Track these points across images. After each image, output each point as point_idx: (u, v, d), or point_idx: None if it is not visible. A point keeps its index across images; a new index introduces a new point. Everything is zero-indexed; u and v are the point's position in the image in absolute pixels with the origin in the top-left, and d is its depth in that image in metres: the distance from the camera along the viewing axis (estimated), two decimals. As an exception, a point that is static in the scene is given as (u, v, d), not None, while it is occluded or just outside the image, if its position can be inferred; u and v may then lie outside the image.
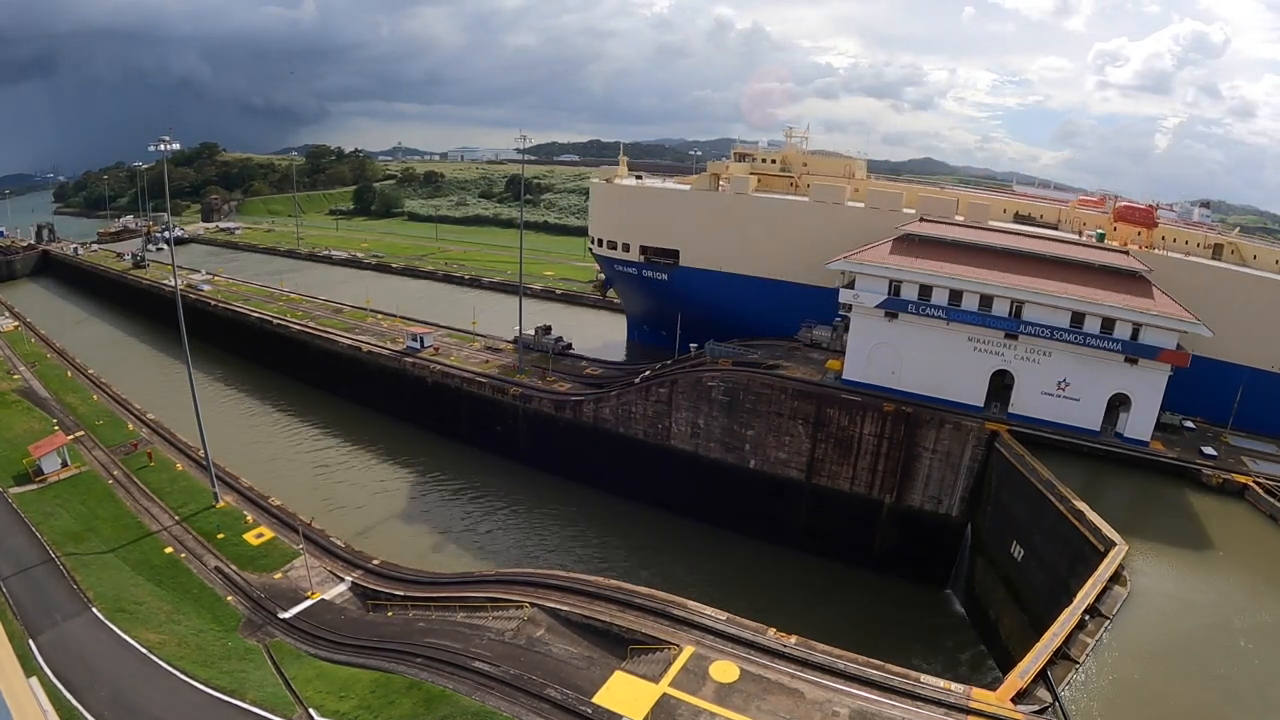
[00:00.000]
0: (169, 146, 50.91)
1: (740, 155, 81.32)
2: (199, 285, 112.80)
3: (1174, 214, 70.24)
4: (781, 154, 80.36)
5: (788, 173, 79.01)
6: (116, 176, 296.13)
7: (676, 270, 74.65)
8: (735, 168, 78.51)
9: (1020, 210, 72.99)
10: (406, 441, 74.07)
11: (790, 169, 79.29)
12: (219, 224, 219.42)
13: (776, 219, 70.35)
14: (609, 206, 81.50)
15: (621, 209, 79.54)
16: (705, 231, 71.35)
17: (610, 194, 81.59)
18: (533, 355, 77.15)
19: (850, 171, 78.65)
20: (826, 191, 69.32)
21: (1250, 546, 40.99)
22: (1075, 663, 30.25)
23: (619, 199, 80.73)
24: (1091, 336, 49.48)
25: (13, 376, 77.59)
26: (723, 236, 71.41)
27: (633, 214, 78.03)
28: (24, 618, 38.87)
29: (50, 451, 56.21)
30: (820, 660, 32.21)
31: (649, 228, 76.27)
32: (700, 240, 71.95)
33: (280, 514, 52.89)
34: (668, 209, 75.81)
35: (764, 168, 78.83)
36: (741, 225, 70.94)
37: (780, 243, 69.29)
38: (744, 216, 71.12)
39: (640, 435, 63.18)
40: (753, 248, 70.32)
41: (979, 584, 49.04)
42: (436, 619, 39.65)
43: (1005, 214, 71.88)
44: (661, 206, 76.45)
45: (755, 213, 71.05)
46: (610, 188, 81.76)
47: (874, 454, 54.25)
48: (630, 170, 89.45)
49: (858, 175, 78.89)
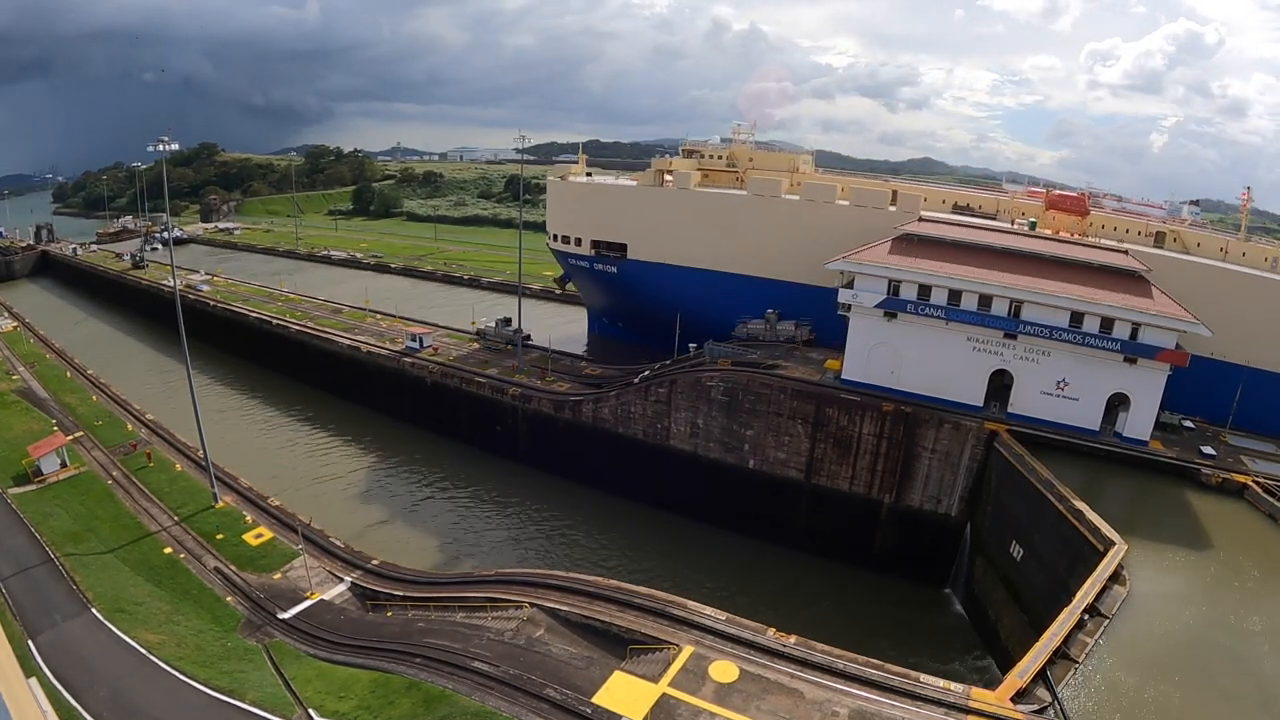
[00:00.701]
0: (168, 147, 50.89)
1: (689, 152, 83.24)
2: (198, 285, 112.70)
3: (1163, 211, 71.39)
4: (728, 150, 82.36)
5: (734, 168, 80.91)
6: (115, 177, 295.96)
7: (625, 263, 76.91)
8: (679, 163, 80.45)
9: (959, 201, 74.81)
10: (406, 441, 74.06)
11: (737, 164, 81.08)
12: (218, 224, 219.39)
13: (717, 212, 72.50)
14: (563, 203, 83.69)
15: (574, 205, 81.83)
16: (651, 225, 73.04)
17: (564, 191, 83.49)
18: (532, 355, 77.16)
19: (794, 165, 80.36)
20: (763, 185, 71.23)
21: (1249, 546, 40.99)
22: (1075, 662, 30.28)
23: (572, 196, 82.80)
24: (1091, 336, 49.50)
25: (12, 377, 77.57)
26: (667, 230, 73.61)
27: (584, 210, 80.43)
28: (23, 618, 38.85)
29: (49, 452, 56.17)
30: (820, 660, 32.20)
31: (599, 223, 78.50)
32: (646, 234, 73.76)
33: (279, 514, 52.86)
34: (616, 204, 78.26)
35: (711, 163, 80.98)
36: (684, 219, 72.85)
37: (721, 235, 71.56)
38: (687, 210, 73.09)
39: (639, 435, 63.18)
40: (695, 241, 72.37)
41: (978, 584, 49.05)
42: (436, 619, 39.64)
43: (944, 204, 73.60)
44: (610, 202, 79.03)
45: (697, 206, 73.13)
46: (564, 185, 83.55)
47: (873, 454, 54.27)
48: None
49: (802, 168, 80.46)
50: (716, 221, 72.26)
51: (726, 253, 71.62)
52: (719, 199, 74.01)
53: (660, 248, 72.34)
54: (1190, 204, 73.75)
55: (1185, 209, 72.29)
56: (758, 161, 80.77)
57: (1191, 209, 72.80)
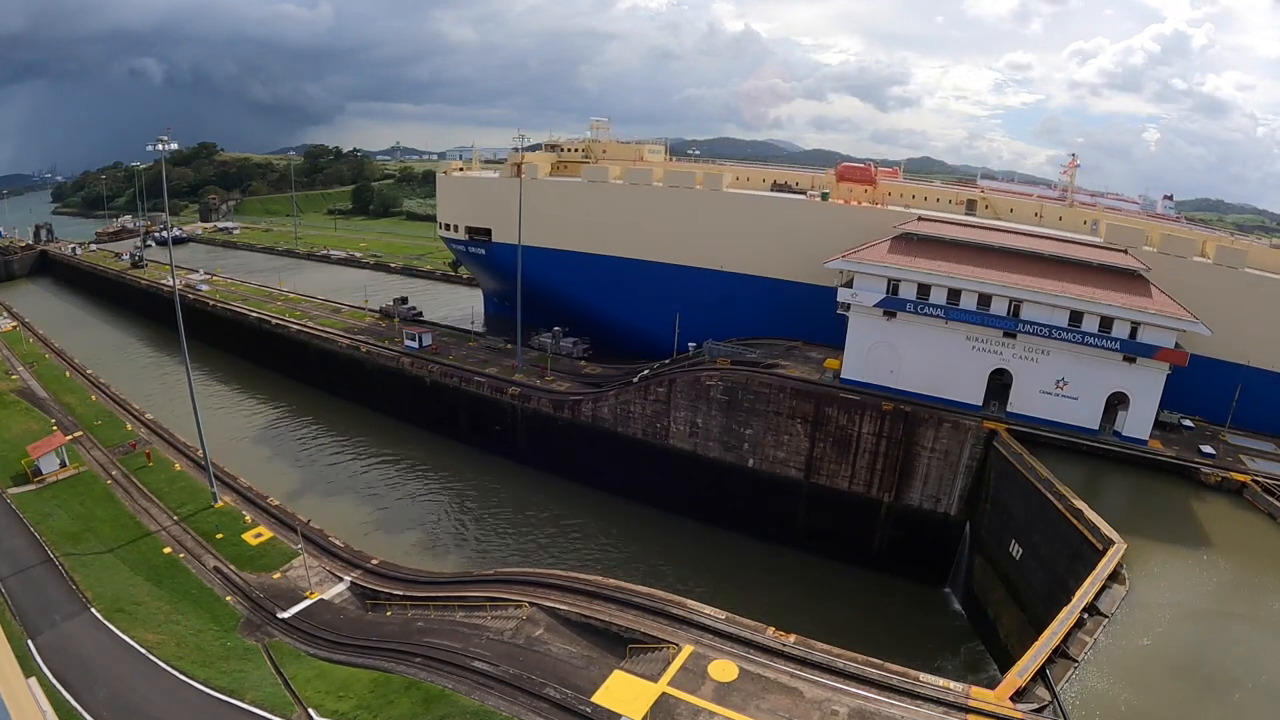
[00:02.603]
0: (167, 146, 50.86)
1: (551, 146, 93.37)
2: (197, 285, 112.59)
3: (1137, 206, 74.74)
4: (585, 143, 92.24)
5: (588, 159, 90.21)
6: (115, 176, 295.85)
7: (492, 246, 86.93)
8: (536, 156, 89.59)
9: (778, 180, 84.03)
10: (406, 441, 74.05)
11: (591, 155, 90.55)
12: (217, 224, 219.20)
13: (559, 198, 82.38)
14: (446, 195, 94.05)
15: (454, 196, 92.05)
16: (509, 212, 79.39)
17: (446, 184, 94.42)
18: (531, 354, 77.22)
19: (639, 155, 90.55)
20: (594, 172, 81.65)
21: (1248, 544, 41.05)
22: (1074, 661, 30.30)
23: (452, 188, 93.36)
24: (1090, 335, 49.54)
25: (11, 377, 77.49)
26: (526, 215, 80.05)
27: (460, 200, 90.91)
28: (23, 618, 38.80)
29: (49, 452, 56.09)
30: (819, 659, 32.22)
31: (472, 211, 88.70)
32: (506, 220, 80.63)
33: (279, 514, 52.81)
34: (482, 194, 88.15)
35: (569, 156, 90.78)
36: (535, 205, 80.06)
37: (565, 218, 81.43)
38: (538, 197, 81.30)
39: (639, 434, 63.19)
40: (544, 224, 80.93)
41: (978, 583, 49.08)
42: (435, 618, 39.63)
43: (765, 183, 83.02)
44: (478, 192, 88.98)
45: (545, 194, 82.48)
46: (447, 178, 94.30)
47: (872, 453, 54.28)
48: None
49: (648, 157, 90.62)
50: (561, 206, 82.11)
51: (570, 233, 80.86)
52: (560, 185, 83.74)
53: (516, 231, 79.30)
54: (1165, 198, 76.27)
55: (1160, 203, 75.00)
56: (611, 152, 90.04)
57: (1165, 203, 75.22)
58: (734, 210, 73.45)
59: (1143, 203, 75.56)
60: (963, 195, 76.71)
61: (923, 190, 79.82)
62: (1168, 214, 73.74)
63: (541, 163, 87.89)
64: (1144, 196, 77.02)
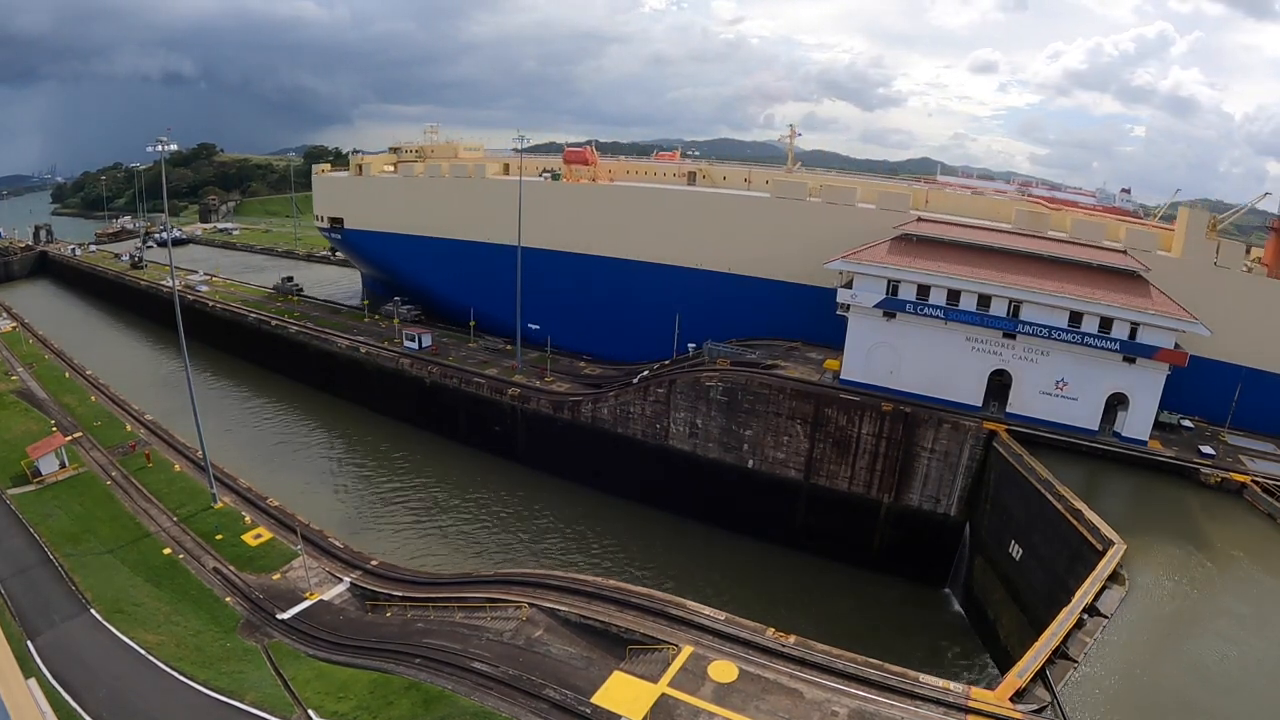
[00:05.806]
0: (166, 147, 50.84)
1: (394, 149, 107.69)
2: (197, 286, 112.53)
3: (1094, 200, 77.65)
4: (418, 146, 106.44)
5: (421, 158, 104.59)
6: (114, 177, 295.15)
7: (344, 231, 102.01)
8: (371, 158, 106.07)
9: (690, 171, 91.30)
10: (405, 441, 74.06)
11: (423, 155, 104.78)
12: (216, 224, 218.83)
13: (384, 191, 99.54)
14: (319, 192, 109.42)
15: (322, 192, 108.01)
16: (355, 204, 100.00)
17: (318, 182, 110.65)
18: (531, 355, 77.15)
19: (455, 153, 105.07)
20: (405, 167, 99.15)
21: (1248, 545, 41.04)
22: (1074, 662, 30.30)
23: (319, 185, 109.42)
24: (1089, 336, 49.57)
25: (10, 377, 77.44)
26: (362, 206, 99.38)
27: (325, 195, 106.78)
28: (22, 619, 38.76)
29: (48, 452, 56.05)
30: (819, 660, 32.22)
31: (331, 204, 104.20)
32: (353, 209, 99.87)
33: (279, 514, 52.71)
34: (337, 190, 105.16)
35: (406, 156, 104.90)
36: (370, 197, 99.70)
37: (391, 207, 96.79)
38: (374, 192, 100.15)
39: (638, 435, 63.19)
40: (376, 213, 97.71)
41: (977, 583, 49.09)
42: (435, 619, 39.60)
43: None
44: (335, 189, 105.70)
45: (376, 188, 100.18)
46: (318, 178, 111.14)
47: (872, 454, 54.29)
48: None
49: (462, 155, 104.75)
50: (387, 198, 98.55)
51: (396, 219, 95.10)
52: (384, 180, 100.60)
53: (358, 219, 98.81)
54: (1123, 191, 78.71)
55: (1118, 196, 77.12)
56: (438, 152, 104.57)
57: (1123, 196, 77.44)
58: (499, 194, 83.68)
59: (1099, 196, 77.44)
60: (684, 169, 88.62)
61: (639, 166, 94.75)
62: (1128, 208, 74.97)
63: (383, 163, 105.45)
64: (1101, 190, 79.11)
